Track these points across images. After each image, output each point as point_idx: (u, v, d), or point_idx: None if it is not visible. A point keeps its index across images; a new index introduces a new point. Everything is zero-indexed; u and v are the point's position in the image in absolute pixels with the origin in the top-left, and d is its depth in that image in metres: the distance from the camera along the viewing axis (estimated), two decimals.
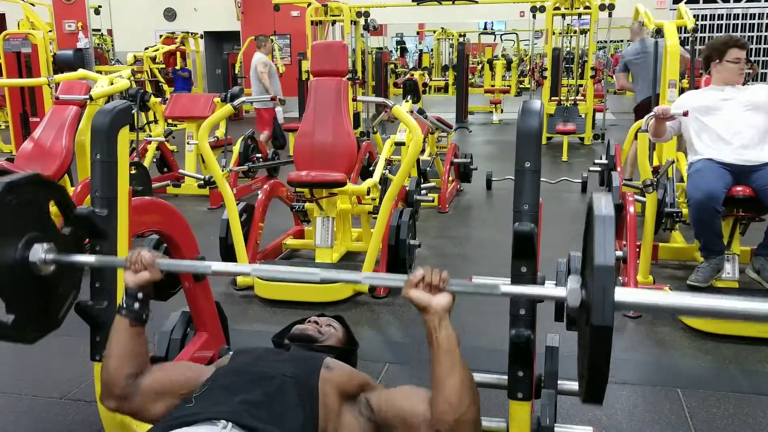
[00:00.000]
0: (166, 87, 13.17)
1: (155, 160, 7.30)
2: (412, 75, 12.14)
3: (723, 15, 14.64)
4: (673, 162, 4.18)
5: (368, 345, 3.36)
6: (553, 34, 10.92)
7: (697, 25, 8.51)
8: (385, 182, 4.87)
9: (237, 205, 4.21)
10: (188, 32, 15.98)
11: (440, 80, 19.91)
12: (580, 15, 10.72)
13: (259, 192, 4.58)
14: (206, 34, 17.02)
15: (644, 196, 4.04)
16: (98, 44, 15.35)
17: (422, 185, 5.70)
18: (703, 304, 1.31)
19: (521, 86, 18.33)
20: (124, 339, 1.79)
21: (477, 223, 6.14)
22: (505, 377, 1.84)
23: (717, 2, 14.72)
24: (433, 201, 5.87)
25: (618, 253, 4.00)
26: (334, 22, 11.59)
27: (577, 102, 10.65)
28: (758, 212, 3.84)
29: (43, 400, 2.87)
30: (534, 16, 10.61)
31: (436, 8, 15.19)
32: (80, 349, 3.21)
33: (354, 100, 4.44)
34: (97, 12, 14.33)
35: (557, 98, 10.78)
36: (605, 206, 1.39)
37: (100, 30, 16.16)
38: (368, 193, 4.52)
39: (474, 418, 1.64)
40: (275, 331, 2.29)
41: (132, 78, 7.42)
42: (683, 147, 4.40)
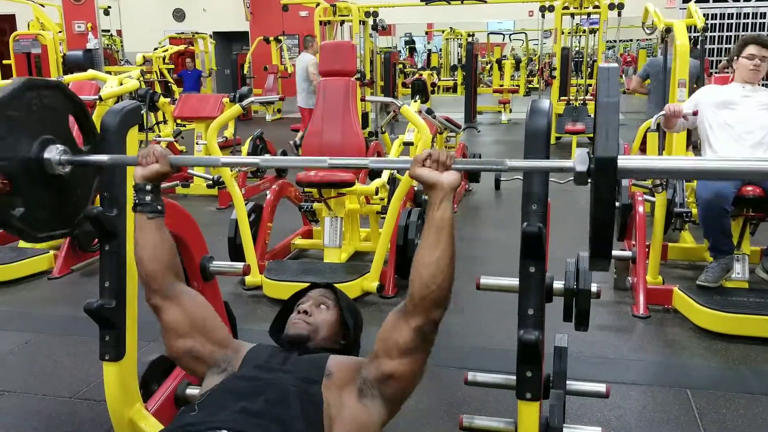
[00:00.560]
0: (175, 87, 13.21)
1: None
2: (421, 75, 12.14)
3: (733, 14, 14.56)
4: None
5: None
6: (562, 33, 10.88)
7: (707, 24, 8.48)
8: (393, 182, 4.87)
9: (246, 205, 4.22)
10: (197, 32, 16.03)
11: (449, 80, 19.90)
12: (589, 14, 10.69)
13: (268, 192, 4.59)
14: (215, 35, 17.07)
15: (654, 196, 4.02)
16: (108, 45, 15.42)
17: None
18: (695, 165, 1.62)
19: (530, 86, 18.30)
20: (146, 234, 1.84)
21: (485, 223, 6.13)
22: (514, 377, 1.83)
23: (727, 1, 14.64)
24: None
25: (627, 253, 3.99)
26: (342, 22, 11.58)
27: (587, 101, 10.63)
28: None
29: (52, 399, 2.88)
30: (543, 16, 10.59)
31: (445, 8, 15.19)
32: (90, 349, 3.23)
33: (362, 100, 4.44)
34: (106, 13, 14.39)
35: (566, 98, 10.76)
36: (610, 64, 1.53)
37: (109, 31, 16.23)
38: (376, 193, 4.52)
39: (438, 298, 1.66)
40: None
41: (141, 78, 7.46)
42: (695, 142, 4.37)
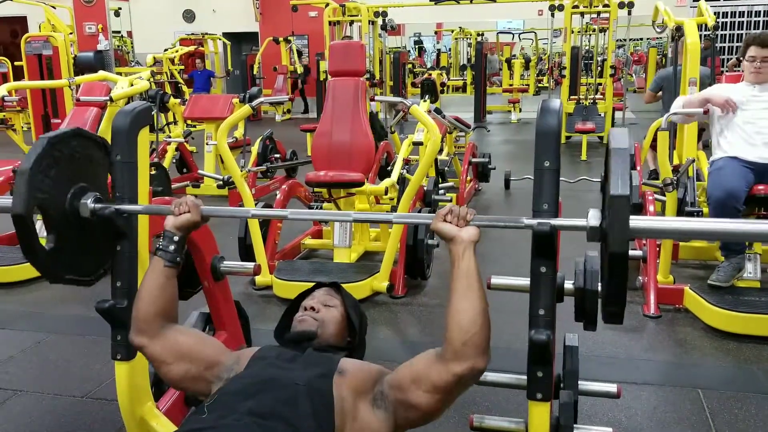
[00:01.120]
0: (185, 88, 13.25)
1: (175, 160, 7.34)
2: (430, 75, 12.13)
3: (744, 12, 14.48)
4: (694, 161, 4.15)
5: (386, 345, 3.36)
6: (572, 32, 10.86)
7: (718, 22, 8.44)
8: (403, 182, 4.87)
9: (256, 205, 4.23)
10: (207, 33, 16.08)
11: (458, 80, 19.89)
12: (599, 13, 10.66)
13: (278, 192, 4.60)
14: (225, 35, 17.13)
15: (664, 195, 4.01)
16: (118, 46, 15.52)
17: (440, 185, 5.69)
18: (707, 227, 1.61)
19: (540, 85, 18.26)
20: (157, 278, 1.88)
21: None
22: (524, 377, 1.83)
23: None
24: (450, 201, 5.84)
25: (638, 253, 3.97)
26: (351, 23, 11.61)
27: (597, 101, 10.60)
28: None
29: (65, 398, 2.90)
30: (552, 15, 10.57)
31: (454, 7, 15.17)
32: (101, 349, 3.26)
33: (372, 100, 4.44)
34: (117, 14, 14.48)
35: (576, 97, 10.73)
36: (621, 140, 1.49)
37: (120, 32, 16.32)
38: (386, 193, 4.52)
39: (481, 343, 1.65)
40: None
41: (152, 79, 7.49)
42: (705, 141, 4.35)
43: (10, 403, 2.85)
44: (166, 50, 14.04)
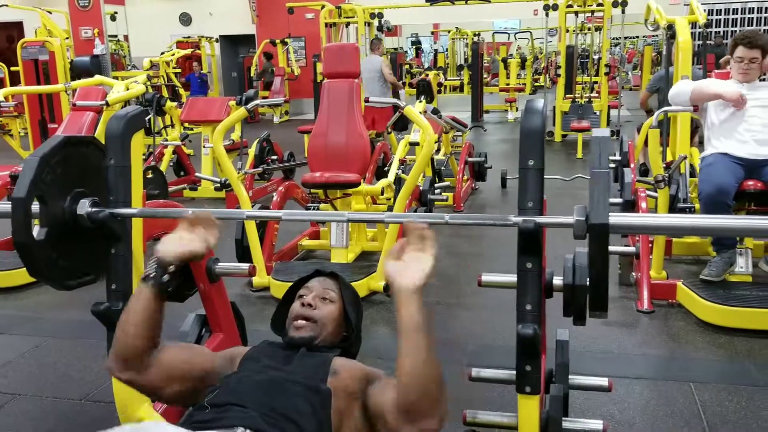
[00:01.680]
0: (182, 91, 13.27)
1: (172, 163, 7.36)
2: (427, 75, 12.15)
3: (737, 9, 14.49)
4: (685, 157, 4.18)
5: (383, 343, 3.39)
6: (567, 31, 10.89)
7: (710, 20, 8.45)
8: (399, 182, 4.89)
9: (252, 207, 4.25)
10: (203, 36, 16.10)
11: (455, 79, 19.89)
12: (593, 12, 10.69)
13: (275, 194, 4.62)
14: (221, 38, 17.15)
15: (657, 192, 4.04)
16: (115, 50, 15.51)
17: (436, 184, 5.71)
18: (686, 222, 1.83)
19: (536, 84, 18.27)
20: (145, 308, 1.76)
21: None
22: (515, 372, 1.85)
23: None
24: (447, 200, 5.88)
25: (631, 249, 4.00)
26: (348, 24, 11.63)
27: (592, 99, 10.63)
28: None
29: (63, 402, 2.92)
30: (547, 15, 10.60)
31: (450, 8, 15.16)
32: (99, 352, 3.27)
33: (366, 101, 4.47)
34: (113, 18, 14.49)
35: (572, 95, 10.76)
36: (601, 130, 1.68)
37: (116, 36, 16.29)
38: (382, 193, 4.55)
39: (430, 406, 1.57)
40: None
41: (148, 83, 7.51)
42: (701, 137, 4.38)
43: (8, 407, 2.88)
44: (162, 53, 14.05)
